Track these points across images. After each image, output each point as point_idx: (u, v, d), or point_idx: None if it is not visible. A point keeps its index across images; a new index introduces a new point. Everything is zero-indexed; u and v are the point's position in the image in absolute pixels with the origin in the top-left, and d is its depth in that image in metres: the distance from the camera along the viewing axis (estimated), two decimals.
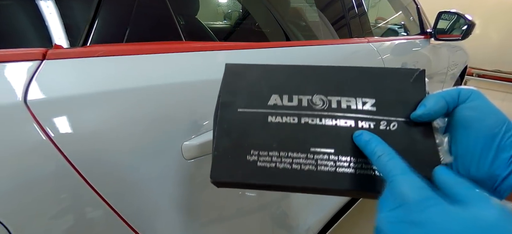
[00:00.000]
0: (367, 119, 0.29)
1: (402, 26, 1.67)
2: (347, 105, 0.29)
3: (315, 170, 0.27)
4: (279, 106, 0.30)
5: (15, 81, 0.35)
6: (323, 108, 0.29)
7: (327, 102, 0.30)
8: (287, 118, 0.29)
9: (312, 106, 0.30)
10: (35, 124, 0.34)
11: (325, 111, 0.29)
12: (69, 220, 0.38)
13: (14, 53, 0.37)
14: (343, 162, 0.27)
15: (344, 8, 1.03)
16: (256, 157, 0.28)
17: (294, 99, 0.30)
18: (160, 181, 0.47)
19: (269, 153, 0.28)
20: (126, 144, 0.42)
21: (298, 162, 0.27)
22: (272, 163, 0.27)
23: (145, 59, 0.47)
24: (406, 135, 0.28)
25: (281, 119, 0.29)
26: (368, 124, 0.28)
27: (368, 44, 1.02)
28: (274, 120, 0.29)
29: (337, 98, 0.30)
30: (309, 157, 0.28)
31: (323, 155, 0.28)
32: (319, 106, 0.30)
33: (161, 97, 0.46)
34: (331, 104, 0.30)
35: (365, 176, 0.27)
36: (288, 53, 0.72)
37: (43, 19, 0.43)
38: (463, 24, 1.49)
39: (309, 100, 0.30)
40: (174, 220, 0.50)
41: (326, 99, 0.30)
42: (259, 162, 0.28)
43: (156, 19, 0.55)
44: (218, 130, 0.30)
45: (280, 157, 0.28)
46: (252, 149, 0.28)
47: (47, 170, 0.35)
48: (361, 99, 0.30)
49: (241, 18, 1.14)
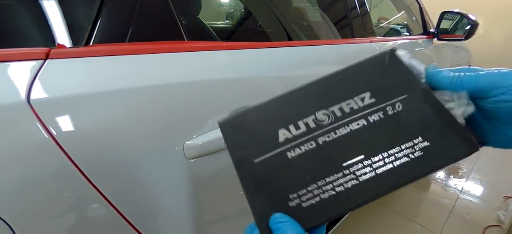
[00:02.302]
0: (373, 111, 0.29)
1: (405, 26, 1.66)
2: (350, 108, 0.29)
3: (357, 183, 0.26)
4: (291, 138, 0.29)
5: (18, 80, 0.35)
6: (331, 121, 0.29)
7: (331, 114, 0.29)
8: (305, 145, 0.28)
9: (320, 124, 0.29)
10: (38, 123, 0.34)
11: (335, 123, 0.29)
12: (72, 219, 0.38)
13: (17, 52, 0.37)
14: (377, 162, 0.26)
15: (346, 8, 1.03)
16: (298, 199, 0.26)
17: (300, 125, 0.29)
18: (162, 180, 0.47)
19: (307, 188, 0.26)
20: (128, 143, 0.42)
21: (339, 183, 0.26)
22: (315, 198, 0.26)
23: (147, 59, 0.47)
24: (414, 110, 0.28)
25: (300, 149, 0.28)
26: (377, 115, 0.28)
27: (371, 44, 1.02)
28: (294, 154, 0.28)
29: (338, 106, 0.29)
30: (345, 173, 0.26)
31: (356, 165, 0.27)
32: (326, 121, 0.29)
33: (163, 97, 0.46)
34: (336, 114, 0.29)
35: (405, 164, 0.26)
36: (290, 53, 0.72)
37: (46, 18, 0.43)
38: (466, 24, 1.48)
39: (314, 120, 0.29)
40: (175, 219, 0.51)
41: (328, 112, 0.29)
42: (303, 204, 0.26)
43: (158, 18, 0.55)
44: (246, 191, 0.27)
45: (320, 188, 0.26)
46: (289, 194, 0.26)
47: (50, 169, 0.36)
48: (358, 97, 0.30)
49: (243, 18, 1.14)
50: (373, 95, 0.29)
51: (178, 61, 0.51)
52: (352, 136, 0.28)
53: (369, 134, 0.28)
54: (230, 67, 0.57)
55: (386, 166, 0.26)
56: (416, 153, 0.26)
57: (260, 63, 0.63)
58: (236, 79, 0.57)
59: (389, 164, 0.26)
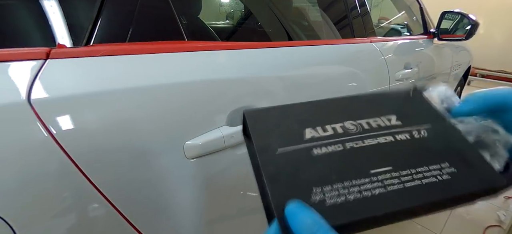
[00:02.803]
0: (400, 131, 0.29)
1: (405, 26, 1.66)
2: (377, 124, 0.30)
3: (385, 191, 0.25)
4: (318, 137, 0.28)
5: (19, 80, 0.35)
6: (359, 131, 0.29)
7: (359, 125, 0.30)
8: (332, 146, 0.28)
9: (348, 132, 0.29)
10: (39, 123, 0.35)
11: (362, 133, 0.29)
12: (72, 218, 0.38)
13: (17, 52, 0.37)
14: (405, 177, 0.26)
15: (346, 7, 1.03)
16: (322, 194, 0.25)
17: (328, 128, 0.29)
18: (162, 180, 0.47)
19: (333, 186, 0.25)
20: (128, 143, 0.42)
21: (366, 188, 0.25)
22: (341, 197, 0.24)
23: (148, 59, 0.47)
24: (439, 139, 0.29)
25: (326, 148, 0.27)
26: (404, 135, 0.29)
27: (371, 44, 1.02)
28: (320, 151, 0.27)
29: (366, 120, 0.30)
30: (373, 179, 0.26)
31: (384, 174, 0.26)
32: (354, 130, 0.29)
33: (164, 97, 0.46)
34: (364, 126, 0.30)
35: (433, 184, 0.25)
36: (290, 53, 0.72)
37: (47, 18, 0.43)
38: (467, 24, 1.48)
39: (342, 127, 0.29)
40: (175, 219, 0.51)
41: (357, 124, 0.30)
42: (327, 200, 0.24)
43: (159, 18, 0.55)
44: (266, 177, 0.26)
45: (346, 188, 0.25)
46: (313, 187, 0.25)
47: (51, 169, 0.36)
48: (385, 117, 0.30)
49: (244, 18, 1.14)
50: (399, 118, 0.30)
51: (178, 61, 0.51)
52: (379, 148, 0.28)
53: (397, 149, 0.28)
54: (230, 67, 0.57)
55: (414, 182, 0.26)
56: (444, 176, 0.26)
57: (260, 63, 0.63)
58: (236, 79, 0.57)
59: (417, 180, 0.26)
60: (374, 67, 0.98)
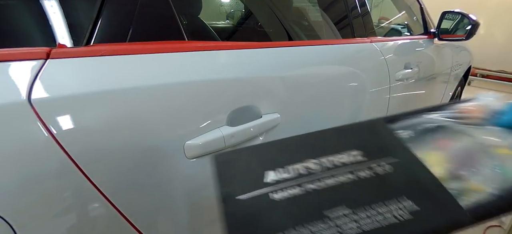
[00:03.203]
0: (362, 168, 0.30)
1: (406, 26, 1.66)
2: (340, 161, 0.30)
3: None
4: (277, 181, 0.29)
5: (19, 80, 0.35)
6: (319, 170, 0.30)
7: (320, 164, 0.30)
8: (291, 190, 0.28)
9: (310, 171, 0.30)
10: (39, 123, 0.35)
11: (322, 173, 0.29)
12: (72, 218, 0.38)
13: (18, 52, 0.37)
14: (365, 219, 0.26)
15: (347, 7, 1.03)
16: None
17: (289, 170, 0.30)
18: (162, 179, 0.47)
19: (291, 233, 0.25)
20: (129, 143, 0.42)
21: (320, 233, 0.25)
22: None
23: (148, 59, 0.47)
24: (402, 173, 0.29)
25: (285, 192, 0.28)
26: (366, 172, 0.29)
27: (371, 44, 1.02)
28: (276, 196, 0.28)
29: (328, 157, 0.31)
30: (330, 224, 0.26)
31: (343, 218, 0.26)
32: (316, 169, 0.30)
33: (164, 97, 0.46)
34: (325, 165, 0.30)
35: (394, 226, 0.25)
36: (290, 53, 0.72)
37: (47, 18, 0.43)
38: (467, 24, 1.47)
39: (303, 166, 0.30)
40: (175, 219, 0.51)
41: (318, 162, 0.30)
42: None
43: (159, 18, 0.55)
44: (227, 228, 0.27)
45: None
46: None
47: (51, 169, 0.36)
48: (349, 152, 0.31)
49: (244, 18, 1.14)
50: (363, 153, 0.31)
51: (178, 61, 0.51)
52: (340, 188, 0.28)
53: (357, 188, 0.28)
54: (230, 67, 0.57)
55: (373, 224, 0.25)
56: (405, 216, 0.26)
57: (261, 63, 0.63)
58: (236, 79, 0.57)
59: (376, 222, 0.26)
60: (375, 67, 0.98)
